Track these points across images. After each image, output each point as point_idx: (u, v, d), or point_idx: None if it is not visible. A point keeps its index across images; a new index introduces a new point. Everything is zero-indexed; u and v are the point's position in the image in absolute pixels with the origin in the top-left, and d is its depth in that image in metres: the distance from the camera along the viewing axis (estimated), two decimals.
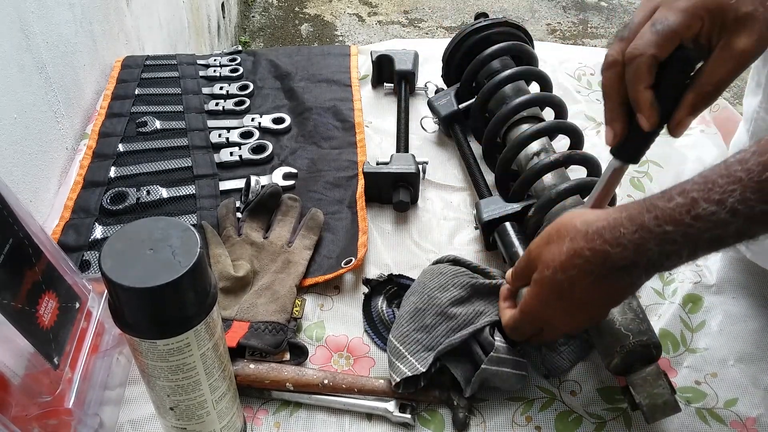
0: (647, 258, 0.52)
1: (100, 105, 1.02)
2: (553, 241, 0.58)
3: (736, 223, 0.47)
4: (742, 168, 0.47)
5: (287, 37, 2.89)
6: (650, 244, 0.51)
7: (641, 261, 0.52)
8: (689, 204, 0.49)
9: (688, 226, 0.49)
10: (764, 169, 0.46)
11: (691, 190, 0.49)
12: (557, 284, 0.57)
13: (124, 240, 0.48)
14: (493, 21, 0.94)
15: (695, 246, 0.50)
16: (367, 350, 0.73)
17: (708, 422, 0.66)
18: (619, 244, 0.53)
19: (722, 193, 0.47)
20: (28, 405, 0.57)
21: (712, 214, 0.48)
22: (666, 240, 0.50)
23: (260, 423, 0.67)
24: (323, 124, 1.00)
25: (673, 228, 0.50)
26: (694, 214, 0.49)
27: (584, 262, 0.55)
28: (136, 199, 0.87)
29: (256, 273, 0.78)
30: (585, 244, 0.55)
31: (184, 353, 0.50)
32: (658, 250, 0.51)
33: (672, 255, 0.51)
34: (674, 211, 0.50)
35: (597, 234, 0.54)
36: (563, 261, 0.56)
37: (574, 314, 0.60)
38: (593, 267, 0.54)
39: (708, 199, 0.48)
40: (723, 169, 0.48)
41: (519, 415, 0.67)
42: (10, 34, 0.81)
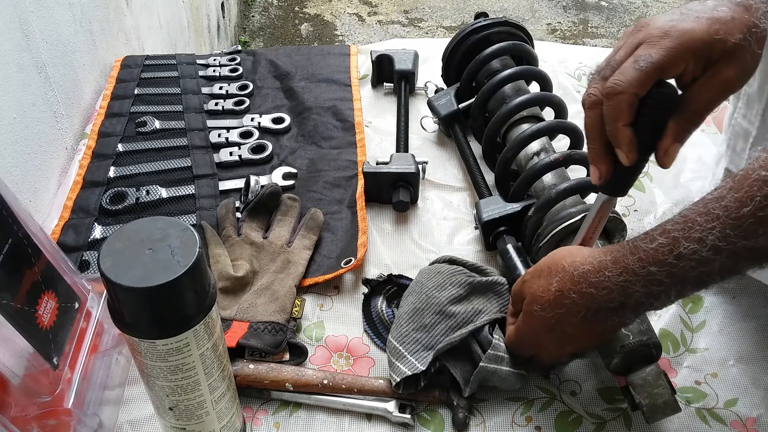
0: (634, 300, 0.52)
1: (100, 105, 1.02)
2: (543, 277, 0.59)
3: (719, 259, 0.47)
4: (719, 205, 0.47)
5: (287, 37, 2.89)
6: (636, 285, 0.52)
7: (629, 302, 0.53)
8: (671, 244, 0.49)
9: (672, 266, 0.49)
10: (741, 206, 0.46)
11: (672, 230, 0.50)
12: (546, 319, 0.59)
13: (124, 240, 0.48)
14: (493, 21, 0.94)
15: (682, 285, 0.50)
16: (367, 350, 0.73)
17: (708, 422, 0.66)
18: (605, 288, 0.53)
19: (702, 231, 0.48)
20: (27, 405, 0.57)
21: (694, 252, 0.48)
22: (651, 281, 0.51)
23: (260, 423, 0.67)
24: (323, 124, 0.99)
25: (657, 269, 0.50)
26: (677, 253, 0.49)
27: (571, 303, 0.56)
28: (136, 199, 0.87)
29: (255, 273, 0.78)
30: (572, 287, 0.56)
31: (183, 353, 0.50)
32: (644, 292, 0.52)
33: (660, 295, 0.51)
34: (657, 252, 0.50)
35: (582, 278, 0.55)
36: (551, 299, 0.58)
37: (563, 345, 0.62)
38: (580, 308, 0.55)
39: (689, 238, 0.48)
40: (701, 206, 0.49)
41: (519, 415, 0.67)
42: (9, 34, 0.81)
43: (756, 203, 0.45)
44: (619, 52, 0.56)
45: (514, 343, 0.65)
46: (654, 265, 0.50)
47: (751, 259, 0.48)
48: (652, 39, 0.54)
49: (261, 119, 1.00)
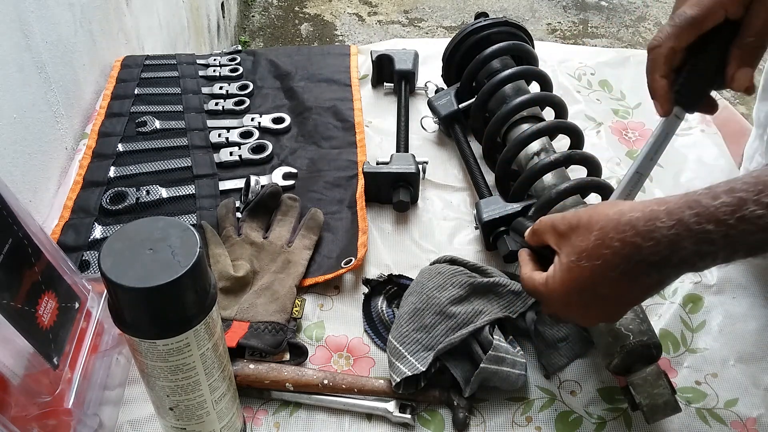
0: (680, 257, 0.49)
1: (100, 105, 1.02)
2: (582, 226, 0.54)
3: None
4: None
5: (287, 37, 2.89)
6: (687, 242, 0.48)
7: (673, 259, 0.49)
8: (736, 204, 0.46)
9: (731, 227, 0.46)
10: None
11: (739, 190, 0.46)
12: (579, 273, 0.54)
13: (124, 240, 0.48)
14: (493, 21, 0.94)
15: (734, 249, 0.47)
16: (367, 350, 0.73)
17: (708, 422, 0.66)
18: (653, 239, 0.49)
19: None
20: (27, 405, 0.57)
21: (759, 217, 0.45)
22: (704, 239, 0.47)
23: (260, 423, 0.67)
24: (323, 124, 0.99)
25: (715, 228, 0.46)
26: (740, 215, 0.45)
27: (611, 254, 0.51)
28: (136, 199, 0.87)
29: (255, 273, 0.78)
30: (615, 234, 0.51)
31: (184, 353, 0.50)
32: (693, 249, 0.48)
33: (707, 256, 0.48)
34: (718, 210, 0.47)
35: (630, 225, 0.50)
36: (589, 249, 0.53)
37: (591, 309, 0.57)
38: (620, 260, 0.51)
39: (758, 201, 0.45)
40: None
41: (519, 415, 0.67)
42: (9, 34, 0.81)
43: None
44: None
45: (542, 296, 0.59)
46: (712, 223, 0.46)
47: None
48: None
49: (261, 119, 1.00)
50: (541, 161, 0.77)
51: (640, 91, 1.05)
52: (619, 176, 0.91)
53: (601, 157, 0.81)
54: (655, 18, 2.98)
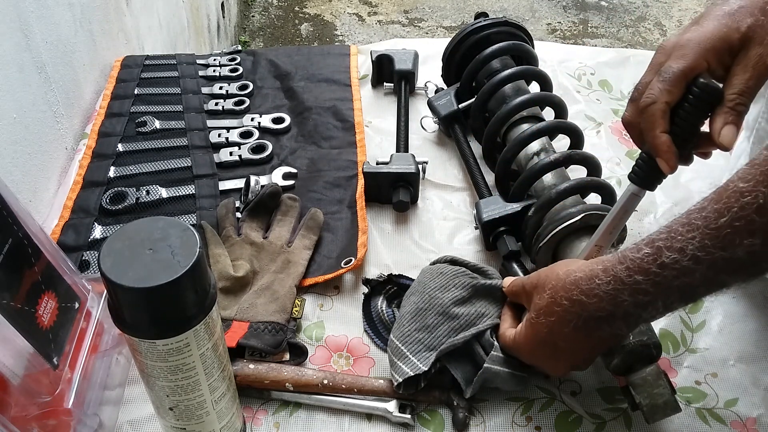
0: (623, 310, 0.53)
1: (100, 105, 1.02)
2: (540, 285, 0.60)
3: (699, 269, 0.48)
4: (700, 216, 0.48)
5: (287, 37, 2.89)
6: (624, 294, 0.53)
7: (617, 312, 0.54)
8: (655, 253, 0.51)
9: (656, 275, 0.50)
10: (719, 216, 0.47)
11: (657, 240, 0.51)
12: (539, 329, 0.60)
13: (124, 240, 0.48)
14: (493, 21, 0.94)
15: (667, 295, 0.51)
16: (367, 350, 0.73)
17: (708, 422, 0.66)
18: (595, 295, 0.54)
19: (683, 241, 0.49)
20: (27, 405, 0.57)
21: (675, 261, 0.49)
22: (638, 290, 0.52)
23: (260, 423, 0.67)
24: (323, 124, 0.99)
25: (643, 278, 0.51)
26: (660, 262, 0.50)
27: (562, 311, 0.57)
28: (136, 199, 0.87)
29: (255, 273, 0.78)
30: (564, 293, 0.57)
31: (184, 353, 0.50)
32: (632, 301, 0.52)
33: (647, 306, 0.52)
34: (643, 261, 0.51)
35: (574, 284, 0.56)
36: (544, 307, 0.59)
37: (557, 360, 0.62)
38: (570, 317, 0.56)
39: (671, 247, 0.49)
40: (684, 217, 0.50)
41: (519, 415, 0.67)
42: (9, 34, 0.81)
43: (732, 214, 0.46)
44: (644, 76, 0.59)
45: (513, 350, 0.65)
46: (639, 274, 0.51)
47: (730, 271, 0.49)
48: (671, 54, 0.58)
49: (261, 119, 1.00)
50: (541, 161, 0.77)
51: None
52: (619, 176, 0.91)
53: (601, 157, 0.81)
54: (655, 18, 2.98)
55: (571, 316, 0.56)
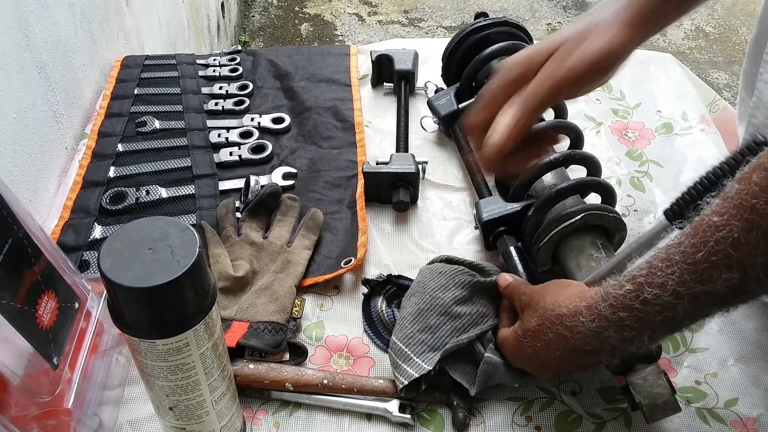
0: (609, 345, 0.54)
1: (100, 105, 1.02)
2: (531, 306, 0.61)
3: (681, 304, 0.48)
4: (678, 251, 0.48)
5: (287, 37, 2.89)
6: (609, 331, 0.53)
7: (603, 347, 0.54)
8: (637, 290, 0.51)
9: (639, 311, 0.51)
10: (696, 251, 0.47)
11: (638, 276, 0.51)
12: (526, 348, 0.61)
13: (123, 240, 0.48)
14: (493, 20, 0.94)
15: (652, 330, 0.52)
16: (367, 350, 0.73)
17: (708, 422, 0.66)
18: (579, 332, 0.55)
19: (663, 276, 0.49)
20: (27, 405, 0.57)
21: (657, 297, 0.49)
22: (623, 327, 0.52)
23: (260, 423, 0.67)
24: (323, 124, 0.99)
25: (627, 315, 0.51)
26: (642, 299, 0.50)
27: (549, 340, 0.58)
28: (136, 198, 0.87)
29: (255, 273, 0.78)
30: (550, 326, 0.58)
31: (183, 353, 0.50)
32: (617, 337, 0.53)
33: (633, 340, 0.53)
34: (625, 298, 0.51)
35: (559, 320, 0.57)
36: (532, 331, 0.60)
37: (543, 371, 0.64)
38: (556, 346, 0.58)
39: (651, 283, 0.49)
40: (663, 253, 0.50)
41: (519, 415, 0.67)
42: (9, 34, 0.81)
43: (709, 248, 0.46)
44: None
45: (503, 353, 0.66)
46: (623, 311, 0.51)
47: (713, 304, 0.49)
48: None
49: (261, 119, 1.00)
50: (541, 161, 0.76)
51: (639, 91, 1.05)
52: (619, 176, 0.91)
53: (601, 156, 0.81)
54: None
55: (556, 346, 0.57)
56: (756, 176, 0.43)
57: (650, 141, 0.97)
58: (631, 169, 0.93)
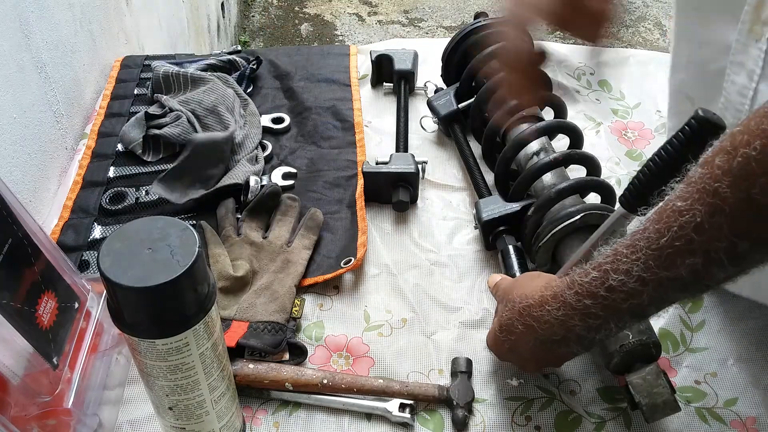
0: (575, 333, 0.54)
1: (100, 105, 1.02)
2: (506, 300, 0.63)
3: (647, 290, 0.48)
4: (642, 237, 0.48)
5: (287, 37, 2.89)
6: (574, 319, 0.53)
7: (570, 336, 0.55)
8: (602, 277, 0.51)
9: (604, 298, 0.51)
10: (660, 236, 0.47)
11: (603, 264, 0.51)
12: (502, 341, 0.62)
13: (123, 239, 0.48)
14: (493, 20, 0.94)
15: (618, 317, 0.52)
16: (367, 350, 0.73)
17: (708, 422, 0.66)
18: (546, 322, 0.55)
19: (628, 263, 0.49)
20: (27, 405, 0.57)
21: (622, 284, 0.49)
22: (588, 314, 0.52)
23: (259, 423, 0.67)
24: (323, 124, 0.99)
25: (592, 302, 0.52)
26: (607, 285, 0.50)
27: (520, 333, 0.59)
28: (135, 198, 0.87)
29: (255, 273, 0.78)
30: (519, 318, 0.59)
31: (183, 353, 0.50)
32: (582, 325, 0.53)
33: (599, 328, 0.53)
34: (591, 285, 0.51)
35: (526, 311, 0.58)
36: (504, 324, 0.61)
37: (526, 363, 0.66)
38: (527, 338, 0.59)
39: (617, 270, 0.49)
40: (629, 239, 0.50)
41: (518, 414, 0.67)
42: (9, 34, 0.81)
43: (672, 233, 0.46)
44: None
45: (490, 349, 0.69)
46: (588, 298, 0.52)
47: (677, 290, 0.49)
48: None
49: (261, 119, 1.00)
50: (541, 161, 0.77)
51: (639, 91, 1.05)
52: (619, 176, 0.91)
53: (601, 156, 0.81)
54: (655, 18, 2.98)
55: (527, 337, 0.58)
56: (718, 160, 0.43)
57: (650, 141, 0.97)
58: (631, 169, 0.93)
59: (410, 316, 0.75)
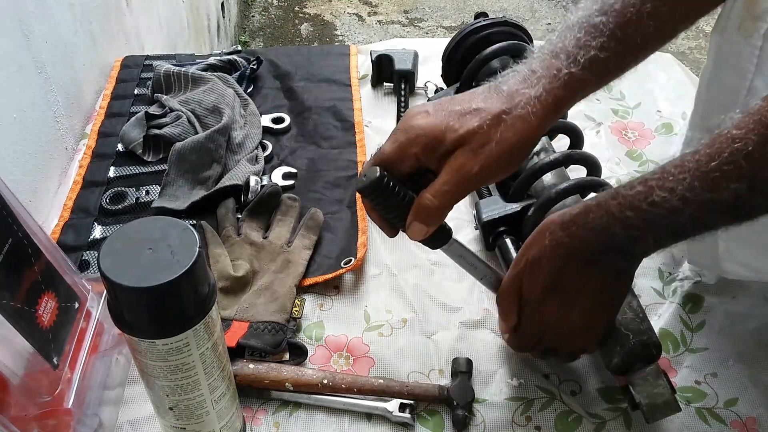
0: (617, 242, 0.55)
1: (100, 105, 1.02)
2: (536, 243, 0.61)
3: (687, 209, 0.51)
4: (692, 158, 0.51)
5: (287, 37, 2.89)
6: (616, 228, 0.55)
7: (612, 245, 0.56)
8: (647, 191, 0.53)
9: (646, 212, 0.53)
10: (710, 159, 0.49)
11: (650, 179, 0.53)
12: (547, 275, 0.60)
13: (123, 239, 0.48)
14: (493, 20, 0.94)
15: (657, 232, 0.54)
16: (367, 350, 0.73)
17: (708, 422, 0.66)
18: (591, 229, 0.56)
19: (674, 181, 0.51)
20: (27, 405, 0.57)
21: (665, 200, 0.51)
22: (629, 225, 0.54)
23: (259, 423, 0.67)
24: (323, 124, 0.99)
25: (633, 214, 0.53)
26: (650, 200, 0.52)
27: (564, 250, 0.58)
28: (135, 198, 0.87)
29: (255, 273, 0.78)
30: (561, 232, 0.58)
31: (183, 353, 0.50)
32: (624, 234, 0.54)
33: (638, 240, 0.55)
34: (634, 198, 0.53)
35: (571, 221, 0.58)
36: (548, 252, 0.59)
37: (570, 310, 0.60)
38: (572, 252, 0.58)
39: (662, 187, 0.52)
40: (678, 160, 0.52)
41: (519, 415, 0.67)
42: (9, 34, 0.81)
43: (722, 158, 0.49)
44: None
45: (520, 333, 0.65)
46: (630, 210, 0.53)
47: (717, 213, 0.51)
48: (394, 133, 0.58)
49: (261, 119, 1.00)
50: (541, 161, 0.76)
51: (639, 91, 1.05)
52: (619, 176, 0.91)
53: (601, 156, 0.81)
54: None
55: (571, 251, 0.58)
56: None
57: (650, 141, 0.97)
58: (631, 169, 0.93)
59: (410, 316, 0.75)
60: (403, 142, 0.57)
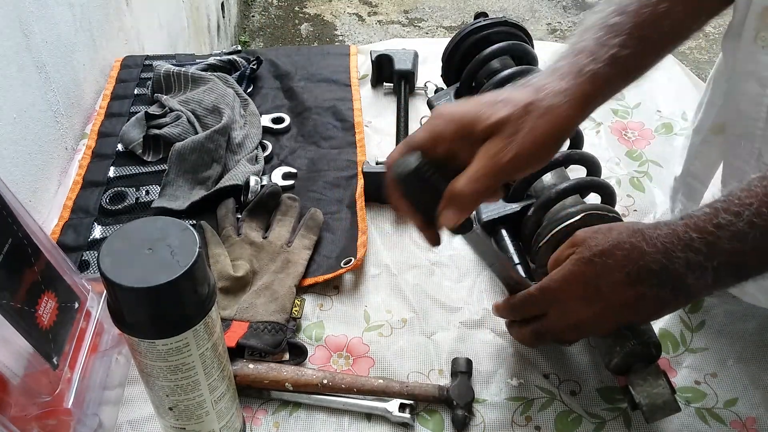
0: (675, 267, 0.54)
1: (100, 105, 1.02)
2: (602, 232, 0.60)
3: (752, 233, 0.50)
4: (761, 184, 0.51)
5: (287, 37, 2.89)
6: (678, 251, 0.54)
7: (670, 268, 0.54)
8: (713, 213, 0.52)
9: (710, 233, 0.52)
10: None
11: (717, 202, 0.53)
12: (590, 268, 0.58)
13: (123, 240, 0.48)
14: (493, 20, 0.94)
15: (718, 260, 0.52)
16: (367, 350, 0.73)
17: (708, 422, 0.66)
18: (654, 245, 0.55)
19: (741, 205, 0.51)
20: (27, 405, 0.57)
21: (730, 224, 0.51)
22: (690, 247, 0.53)
23: (259, 423, 0.67)
24: (323, 124, 0.99)
25: (698, 236, 0.53)
26: (716, 222, 0.52)
27: (622, 256, 0.57)
28: (135, 198, 0.87)
29: (255, 273, 0.78)
30: (628, 239, 0.57)
31: (183, 353, 0.50)
32: (683, 258, 0.53)
33: (696, 268, 0.53)
34: (700, 219, 0.53)
35: (640, 231, 0.57)
36: (606, 248, 0.58)
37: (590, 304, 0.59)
38: (627, 262, 0.57)
39: (728, 210, 0.51)
40: (746, 185, 0.52)
41: (518, 415, 0.67)
42: (9, 34, 0.81)
43: None
44: None
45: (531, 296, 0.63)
46: (695, 231, 0.53)
47: None
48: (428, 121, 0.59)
49: (261, 119, 1.00)
50: None
51: (639, 91, 1.05)
52: (619, 176, 0.91)
53: (601, 156, 0.81)
54: None
55: (627, 261, 0.57)
56: None
57: (650, 141, 0.97)
58: (631, 169, 0.93)
59: (410, 316, 0.75)
60: (436, 128, 0.58)
